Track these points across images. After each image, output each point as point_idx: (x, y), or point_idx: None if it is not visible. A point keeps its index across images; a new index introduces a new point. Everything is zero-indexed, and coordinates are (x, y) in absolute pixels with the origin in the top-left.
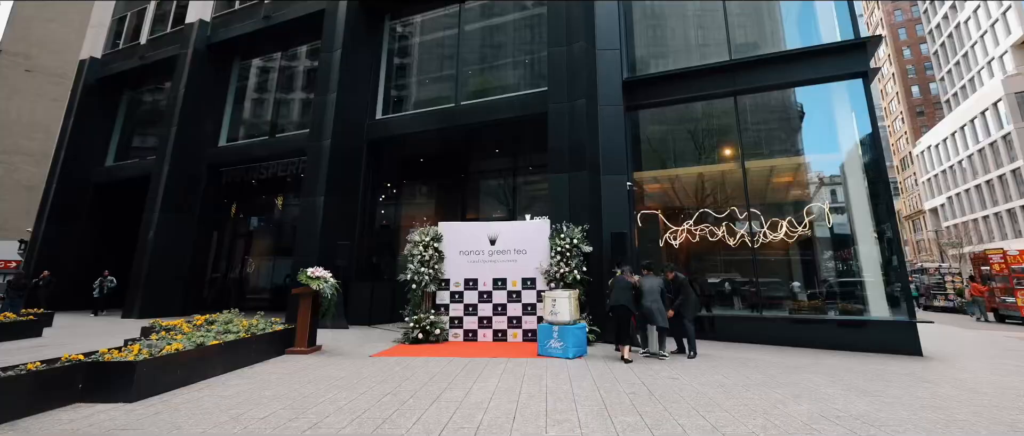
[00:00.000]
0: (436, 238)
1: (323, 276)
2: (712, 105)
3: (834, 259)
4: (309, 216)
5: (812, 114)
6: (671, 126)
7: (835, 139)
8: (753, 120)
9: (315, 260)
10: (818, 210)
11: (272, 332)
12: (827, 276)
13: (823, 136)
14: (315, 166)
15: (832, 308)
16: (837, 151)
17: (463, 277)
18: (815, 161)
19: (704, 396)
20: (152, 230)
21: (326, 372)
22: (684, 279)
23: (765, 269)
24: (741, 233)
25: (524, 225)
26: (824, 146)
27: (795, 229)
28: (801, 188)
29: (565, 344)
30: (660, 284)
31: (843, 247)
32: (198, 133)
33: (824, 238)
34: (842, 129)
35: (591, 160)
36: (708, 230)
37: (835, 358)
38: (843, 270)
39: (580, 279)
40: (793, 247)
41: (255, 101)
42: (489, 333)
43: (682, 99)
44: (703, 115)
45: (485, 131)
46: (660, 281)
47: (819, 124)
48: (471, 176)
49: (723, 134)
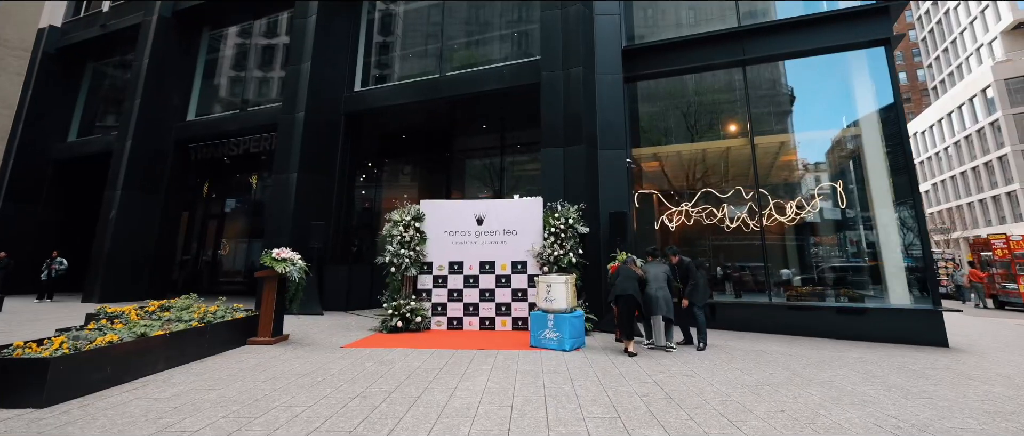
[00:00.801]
0: (417, 217)
1: (290, 258)
2: (704, 81)
3: (847, 242)
4: (281, 194)
5: (823, 83)
6: (666, 101)
7: (843, 113)
8: (751, 98)
9: (288, 241)
10: (829, 189)
11: (232, 320)
12: (839, 260)
13: (834, 110)
14: (287, 140)
15: (844, 294)
16: (838, 127)
17: (447, 260)
18: (821, 138)
19: (730, 399)
20: (114, 209)
21: (289, 367)
22: (690, 262)
23: (771, 253)
24: (741, 215)
25: (515, 203)
26: (833, 121)
27: (804, 209)
28: (811, 167)
29: (561, 335)
30: (666, 270)
31: (856, 229)
32: (164, 107)
33: (836, 219)
34: (861, 101)
35: (588, 134)
36: (706, 211)
37: (856, 350)
38: (856, 254)
39: (576, 262)
40: (801, 229)
41: (229, 77)
42: (475, 321)
43: (686, 69)
44: (700, 91)
45: (471, 105)
46: (666, 267)
47: (831, 95)
48: (456, 156)
49: (723, 110)
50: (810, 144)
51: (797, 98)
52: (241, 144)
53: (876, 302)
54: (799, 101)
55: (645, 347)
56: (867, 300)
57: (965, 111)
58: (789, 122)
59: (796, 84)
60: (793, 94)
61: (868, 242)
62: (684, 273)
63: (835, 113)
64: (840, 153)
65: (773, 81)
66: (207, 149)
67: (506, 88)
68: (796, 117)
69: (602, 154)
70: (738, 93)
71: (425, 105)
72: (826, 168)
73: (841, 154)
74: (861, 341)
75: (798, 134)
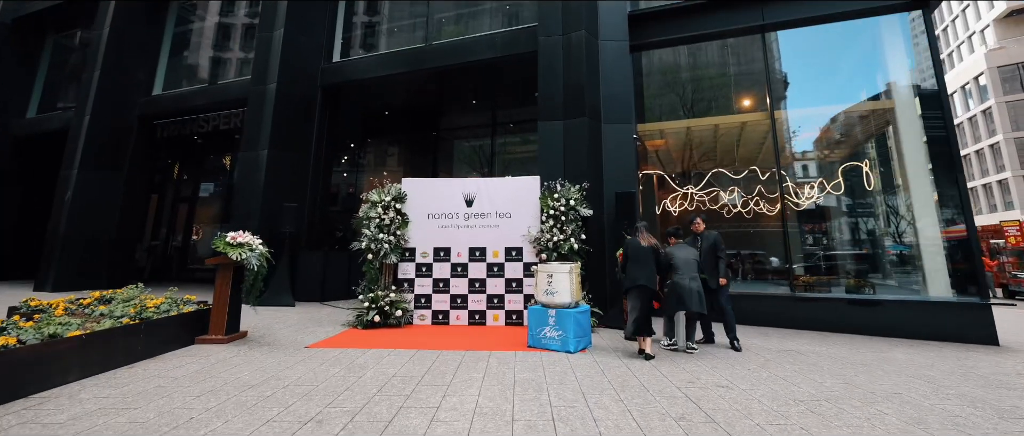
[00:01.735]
0: (398, 197)
1: (248, 242)
2: (714, 52)
3: (876, 227)
4: (250, 173)
5: (844, 54)
6: (672, 74)
7: (863, 86)
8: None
9: (256, 225)
10: (855, 169)
11: (177, 316)
12: (861, 248)
13: (853, 82)
14: (257, 114)
15: (859, 286)
16: (854, 101)
17: (432, 246)
18: (836, 114)
19: (789, 422)
20: (70, 189)
21: (235, 375)
22: (718, 236)
23: (775, 240)
24: (753, 197)
25: (509, 182)
26: (850, 95)
27: (824, 192)
28: (831, 146)
29: (565, 334)
30: (697, 255)
31: (883, 212)
32: (127, 80)
33: (860, 202)
34: (893, 70)
35: (591, 105)
36: (712, 195)
37: (898, 349)
38: (883, 240)
39: (578, 249)
40: (818, 214)
41: (200, 50)
42: (464, 315)
43: (699, 36)
44: (711, 62)
45: (460, 78)
46: (696, 251)
47: (851, 66)
48: (443, 136)
49: (738, 84)
50: (822, 121)
51: (786, 84)
52: (211, 121)
53: (908, 295)
54: (816, 73)
55: (663, 347)
56: (893, 292)
57: (957, 99)
58: (808, 95)
59: (813, 55)
60: (787, 79)
61: (903, 227)
62: (712, 249)
63: (854, 86)
64: (864, 129)
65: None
66: (175, 126)
67: (499, 58)
68: (811, 91)
69: (606, 128)
70: (755, 64)
71: (410, 78)
72: (843, 146)
73: (864, 130)
74: (896, 338)
75: (813, 108)
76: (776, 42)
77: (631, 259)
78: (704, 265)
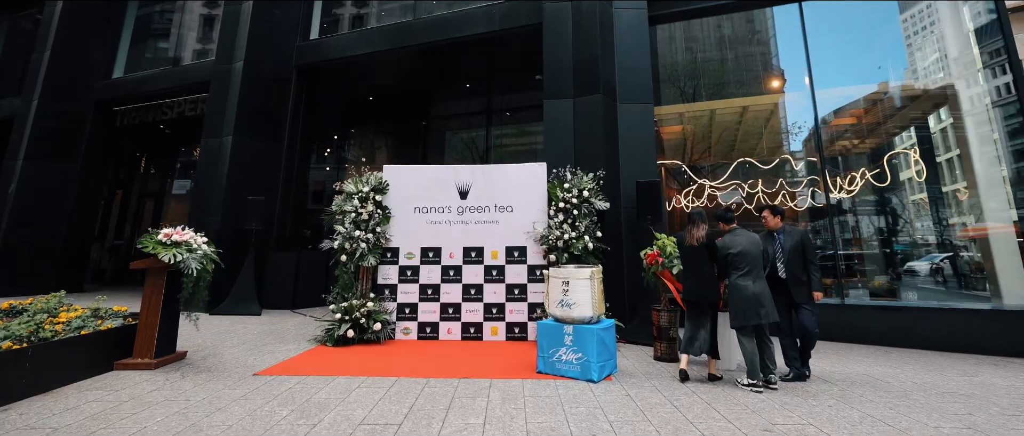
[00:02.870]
0: (379, 188)
1: (188, 240)
2: (741, 25)
3: (934, 222)
4: (211, 162)
5: (878, 31)
6: (692, 52)
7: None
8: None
9: (218, 222)
10: (903, 158)
11: (91, 335)
12: (926, 246)
13: (899, 59)
14: (222, 96)
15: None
16: (899, 80)
17: (419, 245)
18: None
19: None
20: (14, 182)
21: (141, 423)
22: (803, 235)
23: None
24: (770, 191)
25: (511, 170)
26: (881, 75)
27: (861, 182)
28: (876, 134)
29: (586, 357)
30: (760, 245)
31: (944, 206)
32: (82, 62)
33: (905, 196)
34: (953, 42)
35: (606, 82)
36: (729, 187)
37: (982, 369)
38: (936, 237)
39: (593, 249)
40: (869, 207)
41: (171, 29)
42: (457, 328)
43: (727, 6)
44: (739, 36)
45: (452, 58)
46: (758, 239)
47: (886, 43)
48: (434, 126)
49: (767, 63)
50: (859, 102)
51: (849, 45)
52: (175, 107)
53: (982, 303)
54: (850, 50)
55: (706, 379)
56: (958, 298)
57: None
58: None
59: (845, 30)
60: (784, 75)
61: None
62: (800, 249)
63: (894, 63)
64: (911, 111)
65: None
66: (137, 113)
67: (496, 32)
68: (843, 70)
69: (623, 108)
70: (783, 42)
71: (397, 57)
72: (882, 132)
73: (912, 112)
74: (963, 353)
75: (847, 88)
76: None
77: (683, 263)
78: (789, 272)
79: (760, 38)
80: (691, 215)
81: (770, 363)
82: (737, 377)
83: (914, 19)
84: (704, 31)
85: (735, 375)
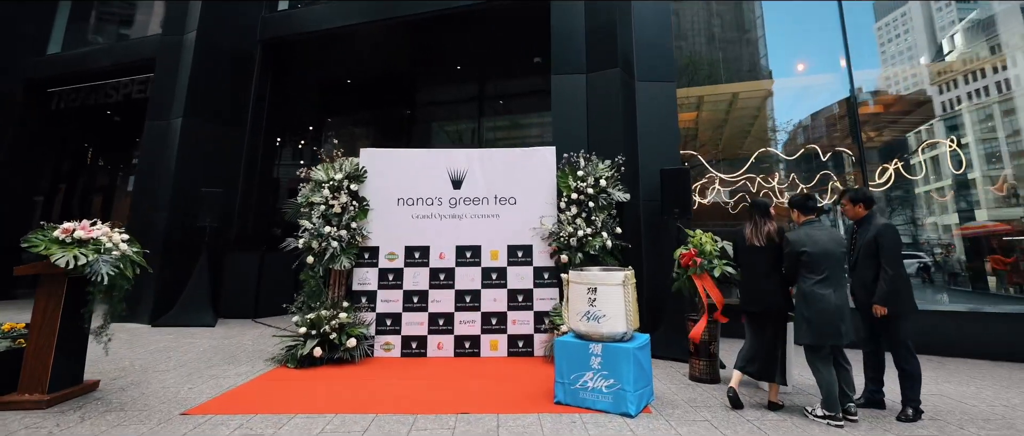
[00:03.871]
0: (354, 175)
1: (97, 238)
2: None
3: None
4: (158, 148)
5: None
6: (711, 30)
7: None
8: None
9: (164, 217)
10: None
11: None
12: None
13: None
14: (171, 71)
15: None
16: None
17: (403, 244)
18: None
19: None
20: None
21: None
22: (883, 229)
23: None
24: (781, 185)
25: (514, 155)
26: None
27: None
28: (902, 124)
29: (619, 385)
30: (846, 244)
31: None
32: (8, 36)
33: (942, 188)
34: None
35: (624, 55)
36: (743, 182)
37: None
38: None
39: (611, 247)
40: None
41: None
42: (449, 343)
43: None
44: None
45: (440, 33)
46: (843, 237)
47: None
48: (420, 116)
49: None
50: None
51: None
52: (121, 88)
53: None
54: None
55: (766, 406)
56: None
57: None
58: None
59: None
60: (772, 75)
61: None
62: (874, 247)
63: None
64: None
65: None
66: (77, 95)
67: (491, 3)
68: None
69: (641, 87)
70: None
71: (378, 30)
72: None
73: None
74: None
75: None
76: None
77: (742, 266)
78: (857, 278)
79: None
80: (755, 204)
81: (848, 390)
82: (805, 407)
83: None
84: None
85: (791, 396)
